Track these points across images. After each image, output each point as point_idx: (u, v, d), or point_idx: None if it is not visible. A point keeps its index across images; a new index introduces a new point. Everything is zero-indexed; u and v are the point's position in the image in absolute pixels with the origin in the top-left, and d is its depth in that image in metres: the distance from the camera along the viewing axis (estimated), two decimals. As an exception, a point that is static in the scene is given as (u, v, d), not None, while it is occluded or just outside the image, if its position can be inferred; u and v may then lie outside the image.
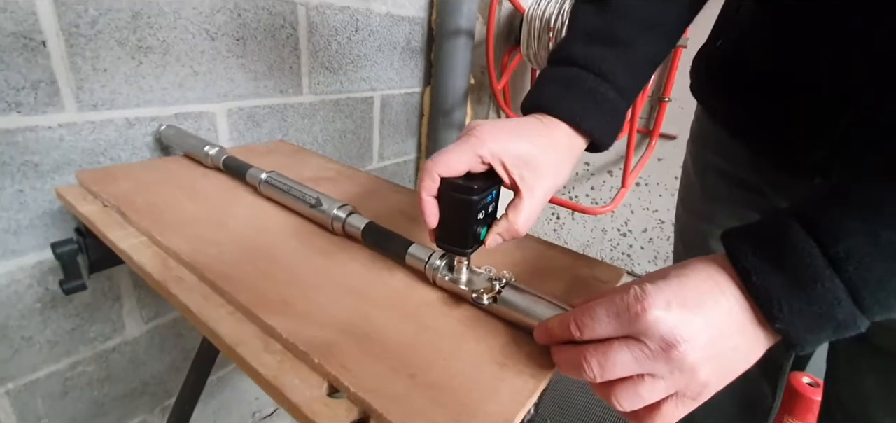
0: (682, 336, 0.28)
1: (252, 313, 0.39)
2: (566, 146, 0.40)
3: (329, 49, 1.04)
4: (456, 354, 0.36)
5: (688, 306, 0.28)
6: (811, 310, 0.27)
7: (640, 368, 0.29)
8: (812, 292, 0.27)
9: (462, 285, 0.42)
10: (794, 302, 0.27)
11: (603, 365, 0.30)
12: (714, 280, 0.30)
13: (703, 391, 0.29)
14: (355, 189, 0.67)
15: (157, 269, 0.46)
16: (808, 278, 0.27)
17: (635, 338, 0.29)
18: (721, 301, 0.29)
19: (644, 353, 0.29)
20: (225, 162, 0.66)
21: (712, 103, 0.53)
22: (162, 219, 0.53)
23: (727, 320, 0.29)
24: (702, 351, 0.28)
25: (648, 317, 0.28)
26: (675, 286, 0.29)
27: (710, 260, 0.31)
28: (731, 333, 0.29)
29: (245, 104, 0.91)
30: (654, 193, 1.57)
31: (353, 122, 1.16)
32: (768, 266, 0.28)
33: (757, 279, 0.28)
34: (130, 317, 0.85)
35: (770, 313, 0.28)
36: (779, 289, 0.28)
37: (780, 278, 0.28)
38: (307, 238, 0.52)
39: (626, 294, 0.29)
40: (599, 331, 0.30)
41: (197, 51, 0.81)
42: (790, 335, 0.28)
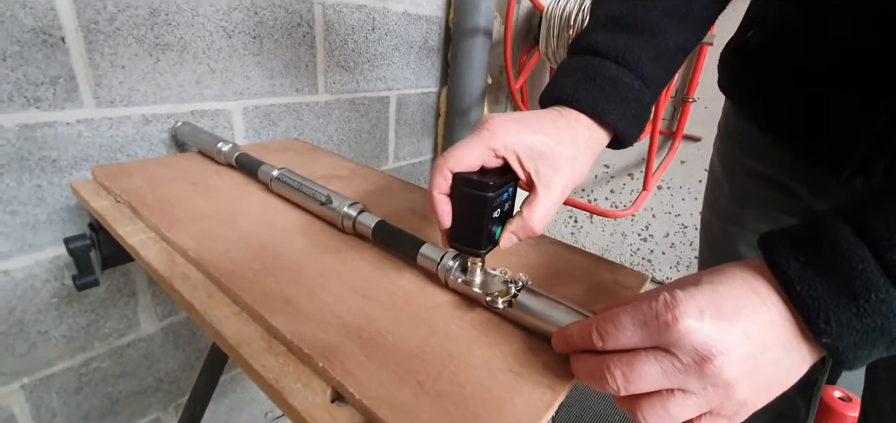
0: (717, 349, 0.25)
1: (256, 312, 0.37)
2: (586, 140, 0.37)
3: (345, 48, 1.03)
4: (467, 360, 0.33)
5: (723, 315, 0.25)
6: (863, 324, 0.24)
7: (669, 382, 0.26)
8: (864, 303, 0.24)
9: (476, 287, 0.40)
10: (844, 314, 0.24)
11: (628, 377, 0.27)
12: (751, 287, 0.27)
13: (740, 410, 0.27)
14: (368, 187, 0.65)
15: (164, 265, 0.45)
16: (860, 287, 0.24)
17: (664, 349, 0.26)
18: (761, 311, 0.26)
19: (674, 366, 0.26)
20: (237, 159, 0.65)
21: (743, 99, 0.50)
22: (171, 215, 0.52)
23: (767, 331, 0.26)
24: (739, 366, 0.25)
25: (679, 326, 0.25)
26: (708, 293, 0.26)
27: (746, 266, 0.28)
28: (772, 346, 0.26)
29: (261, 102, 0.91)
30: (676, 197, 1.52)
31: (368, 121, 1.15)
32: (813, 273, 0.25)
33: (801, 288, 0.25)
34: (145, 313, 0.85)
35: (816, 327, 0.25)
36: (826, 299, 0.25)
37: (828, 286, 0.25)
38: (316, 236, 0.50)
39: (655, 301, 0.26)
40: (624, 340, 0.28)
41: (214, 48, 0.81)
42: (839, 352, 0.25)
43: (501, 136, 0.34)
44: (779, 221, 0.50)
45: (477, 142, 0.34)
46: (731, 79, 0.50)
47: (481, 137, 0.34)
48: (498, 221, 0.36)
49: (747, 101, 0.49)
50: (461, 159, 0.34)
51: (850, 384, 1.13)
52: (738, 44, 0.49)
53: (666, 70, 0.40)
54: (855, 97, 0.37)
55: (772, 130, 0.47)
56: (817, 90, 0.40)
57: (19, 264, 0.68)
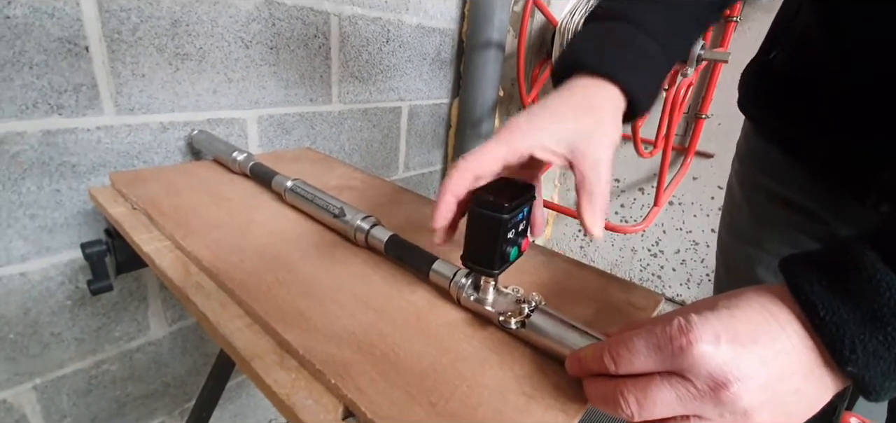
0: (734, 375, 0.24)
1: (269, 325, 0.37)
2: (606, 104, 0.35)
3: (359, 59, 1.03)
4: (479, 381, 0.33)
5: (740, 341, 0.25)
6: (891, 353, 0.23)
7: (684, 408, 0.25)
8: (893, 330, 0.23)
9: (488, 306, 0.39)
10: (870, 343, 0.23)
11: (642, 403, 0.26)
12: (770, 313, 0.26)
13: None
14: (380, 199, 0.65)
15: (178, 274, 0.45)
16: (888, 314, 0.23)
17: (679, 375, 0.25)
18: (780, 338, 0.25)
19: (690, 392, 0.25)
20: (252, 168, 0.66)
21: (764, 120, 0.49)
22: (186, 223, 0.53)
23: (787, 359, 0.25)
24: (757, 394, 0.24)
25: (695, 351, 0.25)
26: (725, 318, 0.26)
27: (765, 290, 0.27)
28: (792, 375, 0.25)
29: (275, 112, 0.92)
30: (688, 213, 1.50)
31: (380, 131, 1.16)
32: (838, 300, 0.24)
33: (825, 314, 0.24)
34: (155, 318, 0.85)
35: (841, 355, 0.24)
36: (851, 326, 0.24)
37: (854, 313, 0.24)
38: (329, 249, 0.50)
39: (669, 325, 0.26)
40: (638, 365, 0.27)
41: (231, 58, 0.82)
42: (865, 382, 0.24)
43: (523, 132, 0.34)
44: (799, 244, 0.49)
45: (499, 142, 0.34)
46: (753, 99, 0.50)
47: (502, 138, 0.34)
48: (512, 241, 0.36)
49: (769, 122, 0.49)
50: (483, 161, 0.34)
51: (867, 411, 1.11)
52: (760, 64, 0.48)
53: (681, 33, 0.38)
54: (881, 121, 0.37)
55: (794, 153, 0.46)
56: (842, 113, 0.39)
57: (36, 267, 0.69)
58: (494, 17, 1.20)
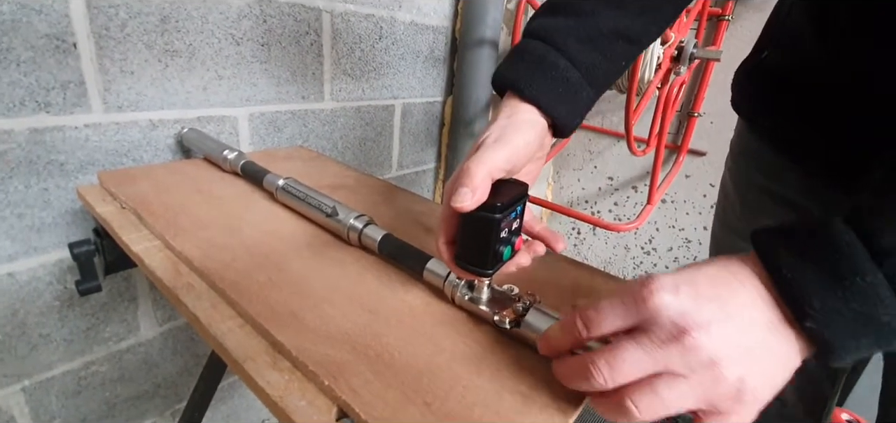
0: (694, 321, 0.25)
1: (261, 326, 0.37)
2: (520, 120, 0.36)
3: (352, 56, 1.03)
4: (475, 381, 0.33)
5: (700, 292, 0.26)
6: (849, 308, 0.24)
7: (652, 362, 0.26)
8: (850, 286, 0.24)
9: (483, 305, 0.39)
10: (829, 298, 0.24)
11: (612, 364, 0.27)
12: (731, 273, 0.27)
13: (742, 397, 0.25)
14: (373, 198, 0.65)
15: (169, 275, 0.44)
16: (846, 270, 0.24)
17: (643, 329, 0.26)
18: (740, 293, 0.26)
19: (654, 343, 0.25)
20: (243, 167, 0.65)
21: (757, 118, 0.50)
22: (176, 223, 0.52)
23: (748, 313, 0.26)
24: (720, 342, 0.25)
25: (655, 299, 0.25)
26: (687, 274, 0.27)
27: (732, 257, 0.28)
28: (754, 327, 0.26)
29: (267, 109, 0.91)
30: (680, 211, 1.51)
31: (373, 129, 1.15)
32: (800, 260, 0.25)
33: (787, 272, 0.25)
34: (145, 318, 0.84)
35: (800, 310, 0.25)
36: (811, 282, 0.24)
37: (814, 270, 0.25)
38: (321, 248, 0.50)
39: (632, 282, 0.27)
40: (606, 326, 0.28)
41: (222, 55, 0.81)
42: (824, 339, 0.25)
43: None
44: None
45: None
46: (746, 98, 0.50)
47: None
48: (506, 240, 0.35)
49: (761, 120, 0.49)
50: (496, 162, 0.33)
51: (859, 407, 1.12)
52: (753, 64, 0.49)
53: (603, 54, 0.39)
54: (868, 119, 0.37)
55: (786, 150, 0.47)
56: (831, 111, 0.40)
57: (24, 267, 0.68)
58: (488, 16, 1.20)
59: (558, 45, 0.37)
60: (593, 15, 0.38)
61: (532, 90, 0.37)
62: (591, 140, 1.63)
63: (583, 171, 1.68)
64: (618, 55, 0.40)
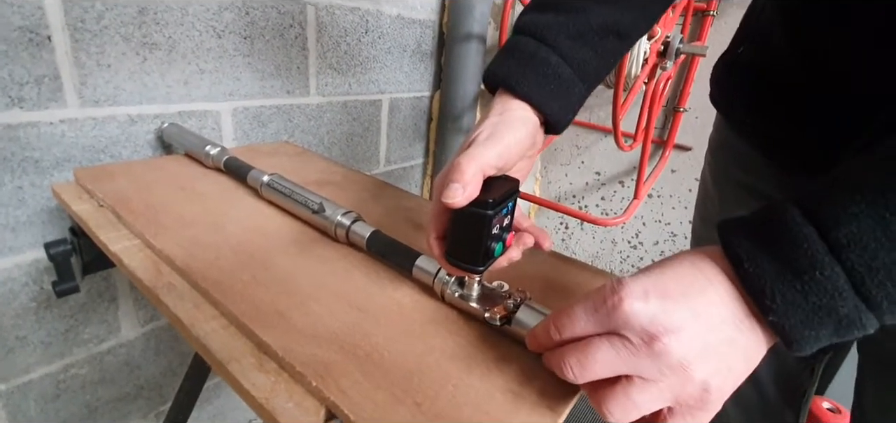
0: (663, 326, 0.25)
1: (246, 326, 0.36)
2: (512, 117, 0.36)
3: (338, 50, 1.01)
4: (466, 380, 0.33)
5: (668, 295, 0.26)
6: (808, 302, 0.24)
7: (624, 365, 0.26)
8: (809, 280, 0.24)
9: (473, 302, 0.39)
10: (788, 292, 0.24)
11: (582, 363, 0.28)
12: (698, 269, 0.27)
13: (707, 396, 0.26)
14: (361, 194, 0.64)
15: (149, 274, 0.43)
16: (805, 264, 0.24)
17: (616, 333, 0.27)
18: (707, 290, 0.27)
19: (626, 348, 0.26)
20: (226, 163, 0.63)
21: (733, 113, 0.51)
22: (157, 221, 0.50)
23: (716, 310, 0.26)
24: (689, 345, 0.25)
25: (625, 307, 0.26)
26: (654, 277, 0.27)
27: (699, 251, 0.29)
28: (722, 324, 0.26)
29: (251, 104, 0.89)
30: (666, 206, 1.53)
31: (360, 125, 1.14)
32: (761, 252, 0.25)
33: (748, 266, 0.26)
34: (126, 319, 0.82)
35: (762, 304, 0.25)
36: (771, 276, 0.25)
37: (774, 264, 0.25)
38: (308, 245, 0.49)
39: (603, 288, 0.28)
40: (578, 329, 0.28)
41: (203, 48, 0.79)
42: (785, 331, 0.25)
43: None
44: None
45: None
46: (723, 93, 0.51)
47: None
48: (497, 236, 0.35)
49: (738, 115, 0.50)
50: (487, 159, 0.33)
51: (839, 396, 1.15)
52: (730, 59, 0.49)
53: (594, 50, 0.39)
54: (845, 107, 0.38)
55: (761, 145, 0.47)
56: (802, 106, 0.40)
57: (-3, 268, 0.66)
58: (475, 9, 1.19)
59: (549, 42, 0.37)
60: (583, 11, 0.38)
61: (524, 87, 0.37)
62: (578, 135, 1.64)
63: (570, 166, 1.68)
64: (608, 51, 0.40)
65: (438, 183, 0.33)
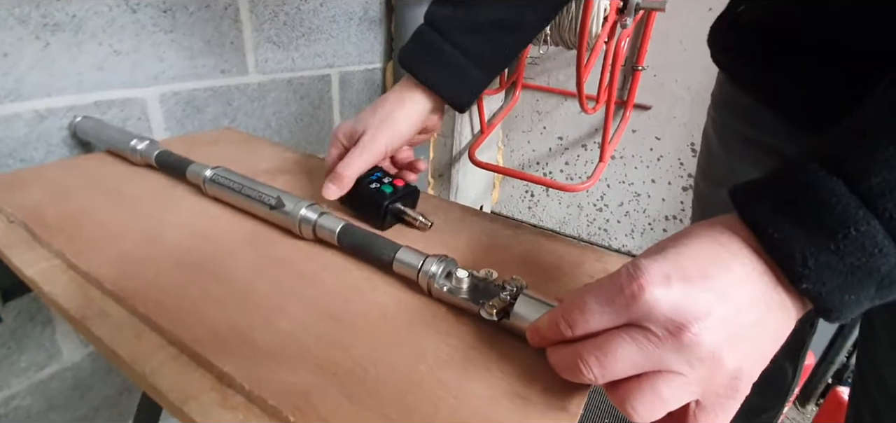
0: (691, 314, 0.23)
1: (200, 355, 0.31)
2: (410, 99, 0.49)
3: (276, 21, 0.93)
4: (466, 388, 0.30)
5: (691, 278, 0.24)
6: (845, 264, 0.22)
7: (647, 360, 0.24)
8: (843, 240, 0.22)
9: (463, 295, 0.36)
10: (822, 255, 0.23)
11: (603, 362, 0.25)
12: (719, 243, 0.25)
13: (737, 383, 0.25)
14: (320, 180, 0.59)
15: (75, 302, 0.37)
16: (836, 223, 0.22)
17: (637, 325, 0.24)
18: (732, 267, 0.24)
19: (650, 341, 0.24)
20: (158, 158, 0.56)
21: (737, 71, 0.50)
22: (80, 235, 0.44)
23: (743, 289, 0.24)
24: (719, 332, 0.23)
25: (647, 296, 0.23)
26: (672, 258, 0.25)
27: (714, 223, 0.27)
28: (751, 304, 0.24)
29: (181, 87, 0.80)
30: (629, 166, 1.55)
31: (309, 103, 1.07)
32: (786, 216, 0.24)
33: (773, 231, 0.24)
34: (66, 341, 0.74)
35: (793, 272, 0.23)
36: (801, 240, 0.23)
37: (802, 227, 0.23)
38: (267, 247, 0.44)
39: (618, 276, 0.25)
40: (593, 324, 0.26)
41: (115, 26, 0.70)
42: (823, 299, 0.23)
43: None
44: None
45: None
46: (725, 52, 0.50)
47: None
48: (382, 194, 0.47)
49: (742, 73, 0.49)
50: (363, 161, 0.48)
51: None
52: (730, 18, 0.48)
53: (488, 41, 0.48)
54: (854, 61, 0.37)
55: (768, 101, 0.46)
56: (814, 57, 0.39)
57: None
58: (425, -30, 1.13)
59: (444, 34, 0.47)
60: (475, 5, 0.47)
61: (422, 74, 0.48)
62: (538, 100, 1.62)
63: (532, 132, 1.67)
64: (501, 42, 0.49)
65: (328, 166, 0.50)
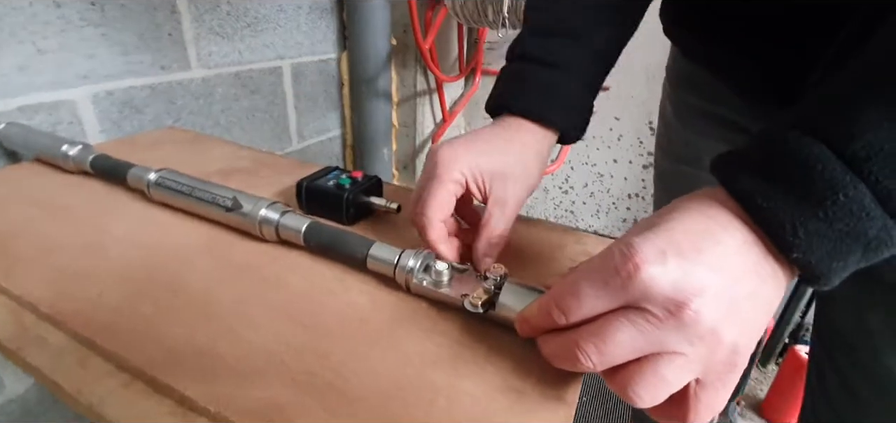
0: (689, 291, 0.23)
1: (156, 379, 0.28)
2: (532, 145, 0.40)
3: (218, 11, 0.88)
4: (457, 387, 0.28)
5: (685, 253, 0.23)
6: (834, 230, 0.22)
7: (647, 343, 0.23)
8: (832, 206, 0.22)
9: (445, 288, 0.34)
10: (811, 223, 0.23)
11: (601, 349, 0.24)
12: (709, 216, 0.25)
13: (736, 358, 0.24)
14: (280, 180, 0.55)
15: (7, 329, 0.33)
16: (824, 189, 0.22)
17: (634, 307, 0.24)
18: (724, 240, 0.24)
19: (649, 322, 0.23)
20: (94, 163, 0.51)
21: (689, 44, 0.50)
22: (8, 253, 0.39)
23: (736, 261, 0.24)
24: (717, 306, 0.23)
25: (642, 276, 0.23)
26: (665, 234, 0.24)
27: (700, 195, 0.26)
28: (744, 276, 0.24)
29: (115, 86, 0.74)
30: (591, 147, 1.58)
31: (262, 98, 1.01)
32: (773, 185, 0.23)
33: (762, 202, 0.24)
34: (7, 371, 0.67)
35: (784, 241, 0.23)
36: (790, 210, 0.23)
37: (790, 195, 0.23)
38: (226, 253, 0.40)
39: (610, 256, 0.24)
40: (588, 309, 0.25)
41: (38, 21, 0.63)
42: (811, 266, 0.23)
43: (454, 166, 0.37)
44: None
45: (439, 182, 0.36)
46: (676, 25, 0.50)
47: (440, 177, 0.36)
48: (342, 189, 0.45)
49: (694, 48, 0.49)
50: (440, 205, 0.36)
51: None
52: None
53: (598, 64, 0.44)
54: (808, 20, 0.37)
55: (719, 73, 0.47)
56: (761, 31, 0.39)
57: None
58: (378, -47, 1.10)
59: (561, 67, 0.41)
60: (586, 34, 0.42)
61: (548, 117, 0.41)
62: (498, 84, 1.62)
63: (494, 118, 1.67)
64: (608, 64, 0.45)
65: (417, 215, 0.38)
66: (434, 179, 0.36)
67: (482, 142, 0.39)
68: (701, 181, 0.54)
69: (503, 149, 0.39)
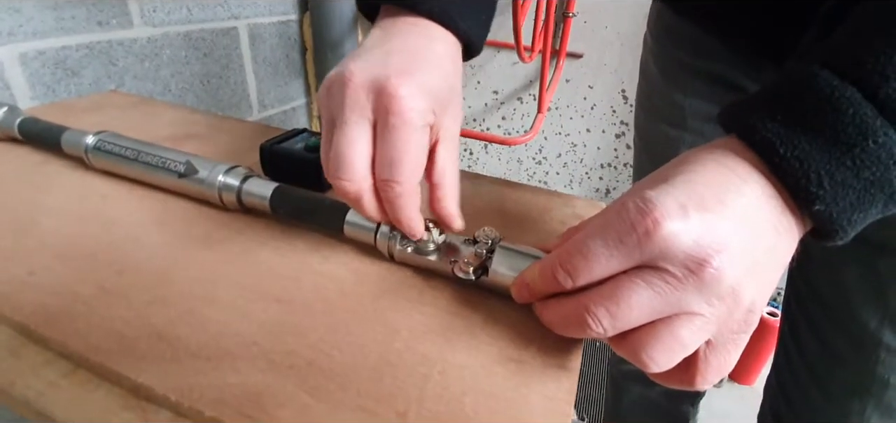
0: (713, 248, 0.21)
1: (104, 365, 0.24)
2: (453, 57, 0.32)
3: (166, -38, 0.80)
4: (451, 360, 0.26)
5: (707, 206, 0.22)
6: (860, 179, 0.21)
7: (665, 305, 0.22)
8: (861, 153, 0.21)
9: (431, 253, 0.31)
10: (838, 172, 0.21)
11: (614, 313, 0.22)
12: (727, 167, 0.23)
13: (751, 317, 0.23)
14: (239, 145, 0.51)
15: (-87, 318, 0.28)
16: (854, 135, 0.21)
17: (650, 266, 0.22)
18: (744, 192, 0.23)
19: (668, 282, 0.22)
20: (22, 127, 0.46)
21: (681, 3, 0.48)
22: (-86, 231, 0.34)
23: (757, 215, 0.23)
24: (739, 264, 0.22)
25: (664, 231, 0.21)
26: (684, 186, 0.23)
27: (714, 146, 0.25)
28: (765, 231, 0.23)
29: (46, 45, 0.67)
30: (565, 117, 1.57)
31: (216, 62, 0.95)
32: (797, 131, 0.22)
33: (785, 150, 0.22)
34: None
35: (807, 193, 0.22)
36: (816, 157, 0.22)
37: (817, 142, 0.22)
38: (181, 225, 0.36)
39: (625, 211, 0.22)
40: (599, 270, 0.23)
41: (-54, -35, 0.56)
42: (832, 219, 0.22)
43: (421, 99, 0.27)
44: None
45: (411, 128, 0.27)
46: None
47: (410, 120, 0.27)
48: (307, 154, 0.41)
49: (685, 5, 0.48)
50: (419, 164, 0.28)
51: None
52: None
53: None
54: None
55: (708, 26, 0.45)
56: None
57: None
58: None
59: None
60: None
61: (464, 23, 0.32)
62: (469, 52, 1.58)
63: (467, 88, 1.64)
64: None
65: None
66: (403, 123, 0.26)
67: (419, 59, 0.29)
68: (685, 143, 0.53)
69: (439, 66, 0.30)
